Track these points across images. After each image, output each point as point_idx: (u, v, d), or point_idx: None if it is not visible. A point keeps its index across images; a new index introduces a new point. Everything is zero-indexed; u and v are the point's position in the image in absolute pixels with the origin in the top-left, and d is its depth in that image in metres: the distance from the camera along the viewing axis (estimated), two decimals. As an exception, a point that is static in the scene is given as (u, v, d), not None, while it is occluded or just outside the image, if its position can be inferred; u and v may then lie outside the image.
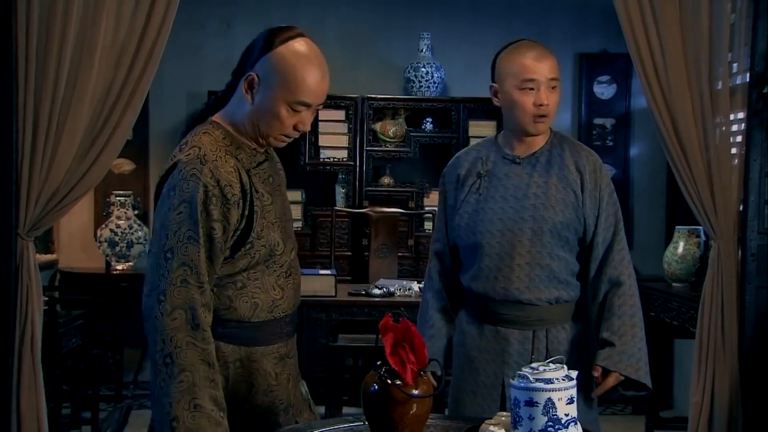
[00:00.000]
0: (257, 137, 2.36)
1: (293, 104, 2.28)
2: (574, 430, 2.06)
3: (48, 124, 3.80)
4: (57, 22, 3.77)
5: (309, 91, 2.28)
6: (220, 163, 2.28)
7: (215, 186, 2.24)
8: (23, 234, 3.84)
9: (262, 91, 2.29)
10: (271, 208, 2.39)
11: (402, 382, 2.12)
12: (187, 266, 2.21)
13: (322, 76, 2.31)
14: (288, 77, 2.26)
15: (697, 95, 4.02)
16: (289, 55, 2.28)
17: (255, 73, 2.30)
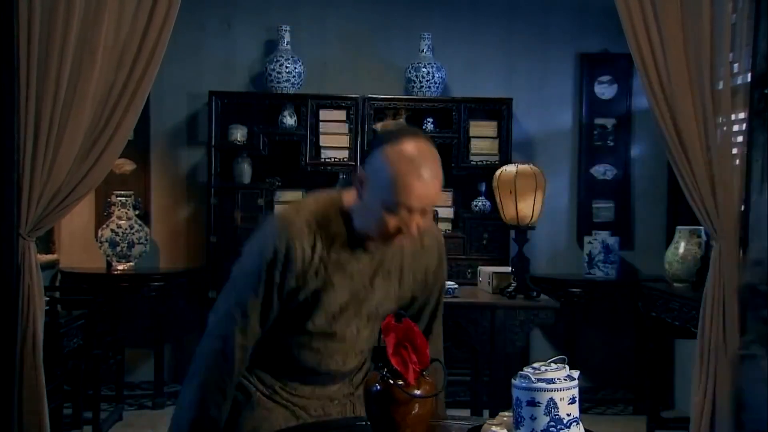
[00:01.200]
0: (368, 232, 2.38)
1: (392, 206, 2.25)
2: (576, 430, 2.06)
3: (49, 124, 3.80)
4: (59, 23, 3.78)
5: (408, 193, 2.23)
6: (303, 235, 2.36)
7: (285, 253, 2.35)
8: (25, 234, 3.84)
9: (368, 189, 2.31)
10: (325, 296, 2.44)
11: (404, 383, 2.12)
12: (240, 308, 2.40)
13: (424, 180, 2.23)
14: (388, 177, 2.23)
15: (699, 95, 4.02)
16: (394, 154, 2.24)
17: (364, 170, 2.33)
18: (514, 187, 4.61)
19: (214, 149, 6.30)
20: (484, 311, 4.60)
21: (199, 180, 6.66)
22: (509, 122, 6.41)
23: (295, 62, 6.38)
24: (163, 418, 5.92)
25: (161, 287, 6.18)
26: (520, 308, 4.58)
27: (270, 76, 6.36)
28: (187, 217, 6.73)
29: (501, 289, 4.76)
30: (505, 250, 6.36)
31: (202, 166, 6.59)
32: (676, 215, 6.35)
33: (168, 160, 6.71)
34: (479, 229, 6.41)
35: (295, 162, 6.37)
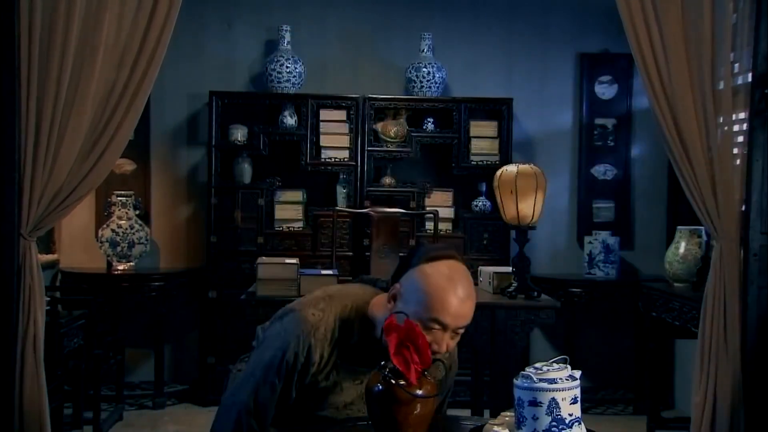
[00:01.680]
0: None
1: (426, 322, 2.30)
2: (578, 430, 2.06)
3: (50, 124, 3.80)
4: (59, 23, 3.77)
5: (444, 311, 2.30)
6: (324, 343, 2.45)
7: (305, 359, 2.44)
8: (26, 234, 3.84)
9: (402, 303, 2.35)
10: (334, 394, 2.51)
11: (406, 383, 2.12)
12: (255, 400, 2.46)
13: (462, 297, 2.31)
14: (426, 294, 2.30)
15: (700, 95, 4.02)
16: (431, 272, 2.33)
17: (399, 285, 2.39)
18: (515, 187, 4.60)
19: (215, 149, 6.30)
20: (484, 311, 4.59)
21: (200, 180, 6.66)
22: (509, 122, 6.41)
23: (296, 62, 6.38)
24: (163, 418, 5.93)
25: (161, 287, 6.18)
26: (521, 308, 4.58)
27: (270, 76, 6.36)
28: (187, 217, 6.73)
29: (502, 289, 4.76)
30: (505, 250, 6.36)
31: (203, 166, 6.59)
32: (676, 215, 6.36)
33: (168, 160, 6.71)
34: (479, 229, 6.41)
35: (296, 162, 6.37)
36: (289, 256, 5.59)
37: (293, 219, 6.40)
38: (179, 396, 6.41)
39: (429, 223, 6.38)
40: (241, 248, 6.29)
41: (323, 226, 6.28)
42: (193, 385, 6.50)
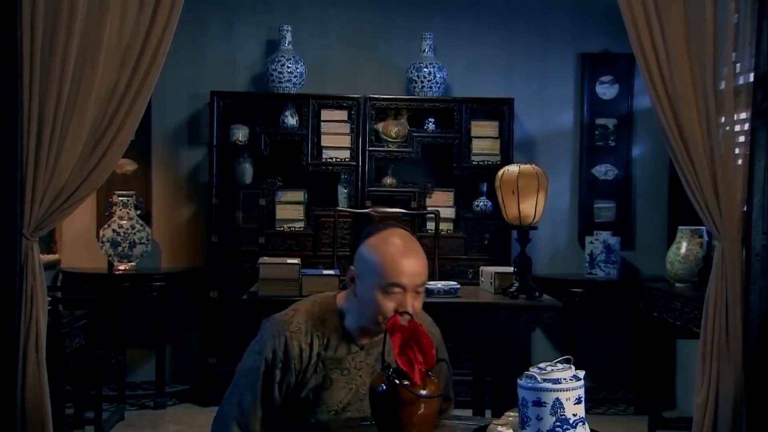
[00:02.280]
0: (367, 326, 2.51)
1: (386, 288, 2.40)
2: (583, 430, 2.06)
3: (53, 124, 3.80)
4: (62, 23, 3.77)
5: (398, 272, 2.39)
6: (300, 334, 2.52)
7: (283, 354, 2.51)
8: (28, 234, 3.84)
9: (360, 282, 2.46)
10: (325, 393, 2.53)
11: (410, 383, 2.12)
12: (239, 407, 2.53)
13: (410, 254, 2.42)
14: (377, 263, 2.41)
15: (702, 95, 4.02)
16: (376, 243, 2.45)
17: (353, 267, 2.50)
18: (517, 187, 4.60)
19: (216, 149, 6.30)
20: (486, 311, 4.59)
21: (201, 180, 6.66)
22: (510, 122, 6.41)
23: (297, 62, 6.38)
24: (164, 418, 5.93)
25: (162, 287, 6.18)
26: (523, 308, 4.57)
27: (271, 76, 6.36)
28: (188, 217, 6.73)
29: (503, 289, 4.76)
30: (506, 250, 6.36)
31: (204, 166, 6.59)
32: (677, 215, 6.35)
33: (169, 160, 6.71)
34: (480, 229, 6.41)
35: (297, 162, 6.38)
36: (290, 256, 5.58)
37: (294, 219, 6.40)
38: (180, 396, 6.41)
39: (430, 223, 6.38)
40: (242, 248, 6.29)
41: (324, 226, 6.28)
42: (194, 385, 6.50)
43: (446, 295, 4.70)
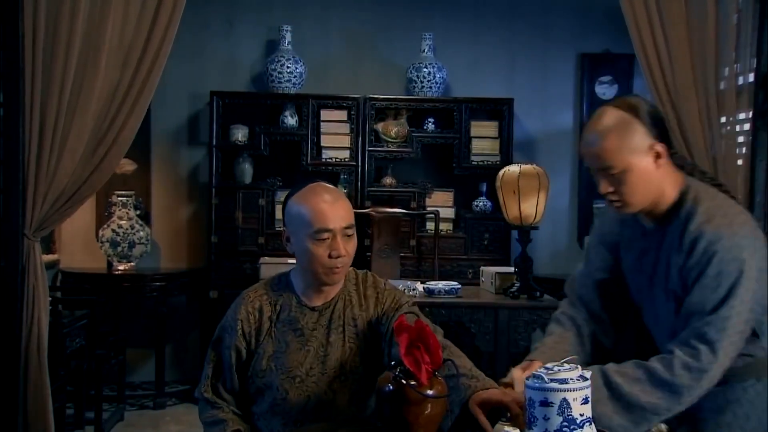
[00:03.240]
0: (311, 280, 2.59)
1: (315, 235, 2.48)
2: (590, 430, 2.06)
3: (54, 124, 3.80)
4: (64, 23, 3.77)
5: (322, 216, 2.48)
6: (252, 304, 2.62)
7: (234, 321, 2.61)
8: (30, 234, 3.84)
9: (293, 237, 2.57)
10: (284, 357, 2.58)
11: (417, 383, 2.12)
12: (208, 370, 2.67)
13: (332, 201, 2.51)
14: (302, 215, 2.50)
15: (703, 95, 4.02)
16: (299, 195, 2.55)
17: (284, 227, 2.61)
18: (518, 187, 4.62)
19: (216, 149, 6.30)
20: (487, 311, 4.61)
21: (201, 180, 6.65)
22: (510, 122, 6.41)
23: (296, 62, 6.38)
24: (165, 418, 5.93)
25: (162, 287, 6.18)
26: (524, 308, 4.59)
27: (271, 76, 6.36)
28: (188, 217, 6.73)
29: (504, 289, 4.77)
30: (506, 250, 6.37)
31: (204, 166, 6.59)
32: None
33: (169, 160, 6.70)
34: (480, 229, 6.41)
35: (297, 162, 6.38)
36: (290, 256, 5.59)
37: (294, 219, 6.39)
38: (180, 396, 6.40)
39: (430, 223, 6.38)
40: (242, 248, 6.29)
41: (324, 226, 6.26)
42: (194, 386, 6.45)
43: (447, 296, 4.72)
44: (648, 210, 2.55)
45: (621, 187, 2.48)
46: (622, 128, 2.44)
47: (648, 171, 2.46)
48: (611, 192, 2.50)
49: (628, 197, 2.49)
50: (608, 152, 2.44)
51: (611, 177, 2.47)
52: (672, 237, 2.52)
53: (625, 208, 2.53)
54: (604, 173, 2.48)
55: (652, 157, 2.46)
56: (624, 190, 2.48)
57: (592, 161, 2.50)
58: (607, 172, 2.47)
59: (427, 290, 4.81)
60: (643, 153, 2.45)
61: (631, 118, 2.44)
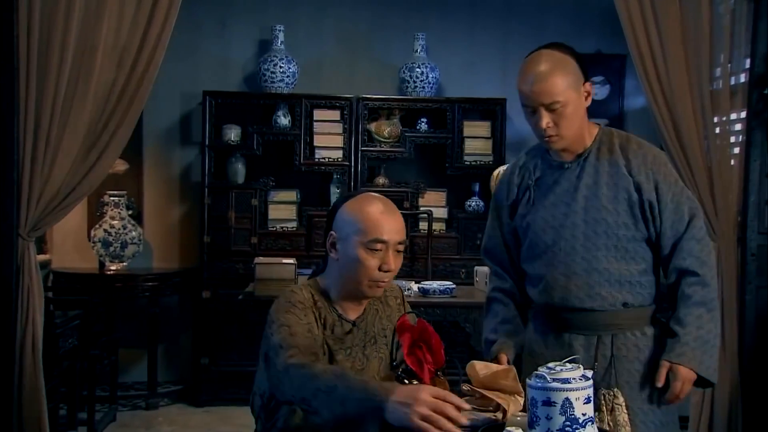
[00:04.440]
0: (352, 291, 2.49)
1: (369, 244, 2.41)
2: (592, 429, 2.06)
3: (49, 124, 3.79)
4: (58, 23, 3.76)
5: (380, 228, 2.41)
6: (300, 314, 2.41)
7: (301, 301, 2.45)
8: (24, 234, 3.83)
9: (341, 244, 2.46)
10: None
11: (419, 382, 2.13)
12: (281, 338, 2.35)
13: (390, 213, 2.46)
14: (359, 222, 2.42)
15: (698, 95, 4.04)
16: (355, 202, 2.48)
17: (333, 232, 2.49)
18: (512, 187, 4.61)
19: (208, 149, 6.28)
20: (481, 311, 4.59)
21: (193, 180, 6.64)
22: (503, 122, 6.42)
23: (289, 62, 6.37)
24: (157, 419, 5.91)
25: (155, 287, 6.16)
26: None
27: (264, 76, 6.35)
28: (180, 217, 6.71)
29: (498, 288, 4.76)
30: (499, 251, 6.36)
31: (196, 166, 6.57)
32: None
33: (161, 160, 6.68)
34: (473, 228, 6.41)
35: (289, 162, 6.37)
36: (283, 256, 5.60)
37: (287, 219, 6.40)
38: (172, 396, 6.38)
39: (423, 223, 6.38)
40: (235, 248, 6.28)
41: (317, 226, 6.27)
42: (187, 386, 6.47)
43: (442, 295, 4.72)
44: (570, 145, 2.79)
45: (561, 121, 2.68)
46: (565, 66, 2.69)
47: (581, 107, 2.73)
48: (551, 126, 2.69)
49: (565, 130, 2.70)
50: (556, 86, 2.65)
51: (552, 112, 2.67)
52: (594, 164, 2.78)
53: (560, 141, 2.74)
54: (547, 108, 2.66)
55: (584, 95, 2.73)
56: (563, 124, 2.69)
57: (536, 98, 2.67)
58: (550, 107, 2.66)
59: (421, 290, 4.81)
60: (579, 90, 2.71)
61: (567, 58, 2.72)
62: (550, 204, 2.81)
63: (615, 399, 2.70)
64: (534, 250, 2.83)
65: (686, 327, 2.70)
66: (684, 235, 2.74)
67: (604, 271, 2.72)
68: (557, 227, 2.78)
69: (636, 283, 2.75)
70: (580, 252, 2.74)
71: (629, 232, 2.74)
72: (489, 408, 2.32)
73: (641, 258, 2.76)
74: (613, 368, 2.73)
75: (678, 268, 2.74)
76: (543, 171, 2.87)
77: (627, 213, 2.73)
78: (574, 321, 2.77)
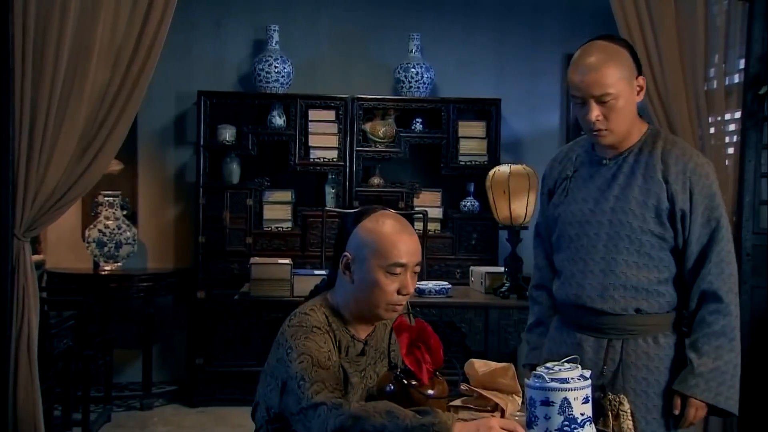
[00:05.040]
0: (366, 314, 2.41)
1: (389, 268, 2.34)
2: (590, 429, 2.07)
3: (45, 124, 3.78)
4: (54, 22, 3.75)
5: (400, 251, 2.34)
6: (320, 340, 2.31)
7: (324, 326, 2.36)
8: (20, 234, 3.82)
9: (358, 266, 2.37)
10: (349, 396, 2.35)
11: (418, 383, 2.13)
12: (310, 381, 2.22)
13: (408, 233, 2.38)
14: (377, 244, 2.35)
15: (693, 95, 4.04)
16: (372, 226, 2.38)
17: (348, 253, 2.39)
18: (508, 188, 4.63)
19: (203, 149, 6.28)
20: (478, 311, 4.62)
21: (188, 180, 6.63)
22: (498, 122, 6.43)
23: (284, 62, 6.37)
24: (152, 419, 5.90)
25: (149, 287, 6.15)
26: (514, 308, 4.60)
27: (259, 76, 6.34)
28: (175, 217, 6.70)
29: (494, 289, 4.78)
30: (494, 250, 6.38)
31: (191, 166, 6.56)
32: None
33: (156, 160, 6.67)
34: (468, 229, 6.42)
35: (284, 162, 6.37)
36: (278, 256, 5.59)
37: (282, 219, 6.40)
38: (167, 397, 6.37)
39: (418, 223, 6.34)
40: (230, 248, 6.27)
41: (312, 226, 6.27)
42: (182, 386, 6.46)
43: (438, 295, 4.72)
44: (618, 141, 2.73)
45: (611, 114, 2.62)
46: (618, 58, 2.62)
47: (633, 101, 2.67)
48: (600, 120, 2.63)
49: (615, 125, 2.65)
50: (608, 78, 2.59)
51: (603, 104, 2.61)
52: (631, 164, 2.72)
53: (609, 136, 2.68)
54: (597, 100, 2.60)
55: (636, 89, 2.67)
56: (613, 117, 2.63)
57: (587, 88, 2.60)
58: (601, 99, 2.60)
59: (417, 290, 4.81)
60: (632, 83, 2.65)
61: (621, 50, 2.65)
62: (582, 198, 2.77)
63: (621, 405, 2.67)
64: (560, 242, 2.82)
65: (702, 357, 2.66)
66: (710, 254, 2.67)
67: (621, 274, 2.68)
68: (583, 223, 2.74)
69: (654, 291, 2.70)
70: (600, 252, 2.71)
71: (654, 239, 2.68)
72: (487, 408, 2.32)
73: (665, 267, 2.71)
74: (621, 374, 2.70)
75: (701, 290, 2.69)
76: (583, 164, 2.83)
77: (654, 220, 2.67)
78: (585, 321, 2.75)
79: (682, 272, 2.72)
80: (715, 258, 2.67)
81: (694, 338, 2.69)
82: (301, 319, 2.34)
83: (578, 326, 2.77)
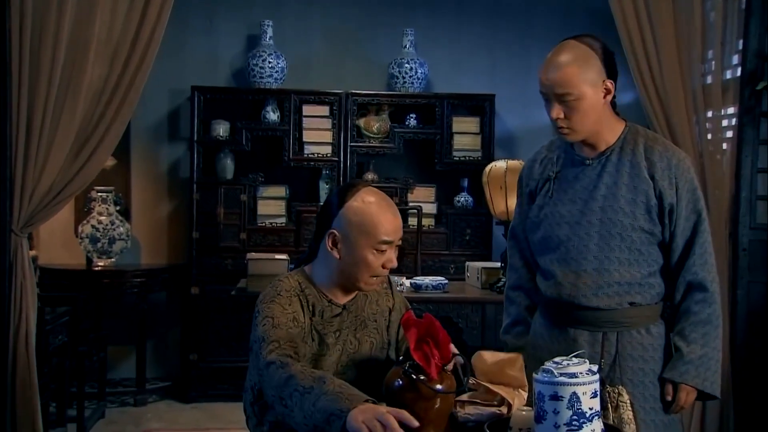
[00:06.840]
0: (348, 284, 2.54)
1: (377, 246, 2.45)
2: (598, 423, 2.07)
3: (42, 120, 3.77)
4: (51, 19, 3.74)
5: (386, 229, 2.46)
6: (285, 302, 2.46)
7: (290, 289, 2.51)
8: (17, 230, 3.81)
9: (345, 244, 2.47)
10: (327, 358, 2.50)
11: (426, 377, 2.13)
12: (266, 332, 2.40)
13: (392, 211, 2.50)
14: (365, 225, 2.45)
15: (690, 91, 4.06)
16: (360, 205, 2.47)
17: (335, 231, 2.48)
18: (505, 183, 4.63)
19: (197, 144, 6.26)
20: (474, 306, 4.63)
21: (181, 175, 6.61)
22: (491, 118, 6.44)
23: (278, 57, 6.35)
24: (146, 415, 5.89)
25: (143, 283, 6.13)
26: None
27: (252, 71, 6.33)
28: (168, 212, 6.69)
29: (490, 284, 4.79)
30: (487, 245, 6.39)
31: (184, 162, 6.54)
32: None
33: (149, 156, 6.65)
34: (462, 224, 6.42)
35: (278, 157, 6.36)
36: (273, 251, 5.58)
37: (276, 215, 6.39)
38: (161, 393, 6.36)
39: (412, 218, 6.38)
40: (224, 244, 6.26)
41: (306, 221, 6.26)
42: (175, 382, 6.45)
43: (434, 291, 4.73)
44: (590, 141, 2.79)
45: (572, 114, 2.69)
46: (582, 60, 2.68)
47: (597, 103, 2.70)
48: (561, 118, 2.71)
49: (576, 124, 2.71)
50: (568, 79, 2.66)
51: (564, 104, 2.68)
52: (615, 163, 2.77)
53: (571, 135, 2.75)
54: (559, 99, 2.68)
55: (602, 92, 2.71)
56: (574, 117, 2.70)
57: (549, 87, 2.69)
58: (562, 98, 2.68)
59: (414, 285, 4.83)
60: (597, 86, 2.69)
61: (591, 52, 2.70)
62: (569, 200, 2.80)
63: (620, 396, 2.71)
64: (548, 244, 2.83)
65: (691, 345, 2.74)
66: (694, 246, 2.74)
67: (614, 272, 2.72)
68: (573, 224, 2.77)
69: (645, 284, 2.75)
70: (593, 251, 2.73)
71: (644, 235, 2.73)
72: (494, 402, 2.33)
73: (653, 260, 2.76)
74: (618, 366, 2.74)
75: (687, 281, 2.76)
76: (565, 165, 2.87)
77: (644, 217, 2.72)
78: (581, 317, 2.77)
79: (669, 263, 2.78)
80: (699, 249, 2.74)
81: (680, 326, 2.77)
82: (273, 284, 2.50)
83: (572, 322, 2.79)
